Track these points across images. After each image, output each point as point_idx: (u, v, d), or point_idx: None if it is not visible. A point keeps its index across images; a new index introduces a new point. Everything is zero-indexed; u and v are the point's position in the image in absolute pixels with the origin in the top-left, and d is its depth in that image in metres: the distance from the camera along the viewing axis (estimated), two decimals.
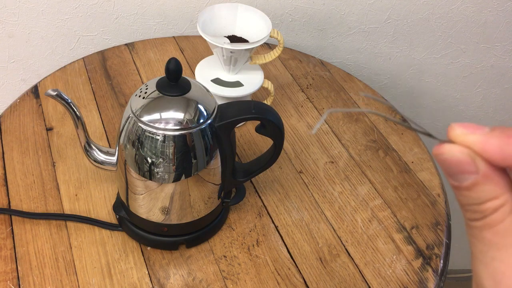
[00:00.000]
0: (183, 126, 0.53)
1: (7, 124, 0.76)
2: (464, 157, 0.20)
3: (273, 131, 0.58)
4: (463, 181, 0.21)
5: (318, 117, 0.83)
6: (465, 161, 0.20)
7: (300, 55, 0.96)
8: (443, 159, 0.21)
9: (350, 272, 0.62)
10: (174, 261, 0.62)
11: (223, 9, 0.74)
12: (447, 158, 0.21)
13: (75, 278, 0.59)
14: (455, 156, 0.21)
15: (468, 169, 0.20)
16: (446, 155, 0.21)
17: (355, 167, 0.76)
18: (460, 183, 0.21)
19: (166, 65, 0.52)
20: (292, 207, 0.69)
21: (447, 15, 1.01)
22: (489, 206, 0.20)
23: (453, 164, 0.21)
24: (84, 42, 0.97)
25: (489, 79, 1.14)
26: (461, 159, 0.21)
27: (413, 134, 0.82)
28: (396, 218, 0.69)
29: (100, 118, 0.79)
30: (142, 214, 0.60)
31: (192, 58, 0.91)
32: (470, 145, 0.20)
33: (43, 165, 0.71)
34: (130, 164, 0.56)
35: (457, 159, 0.21)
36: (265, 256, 0.63)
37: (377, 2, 0.99)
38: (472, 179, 0.20)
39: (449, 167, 0.21)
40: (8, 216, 0.64)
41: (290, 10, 0.99)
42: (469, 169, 0.20)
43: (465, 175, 0.21)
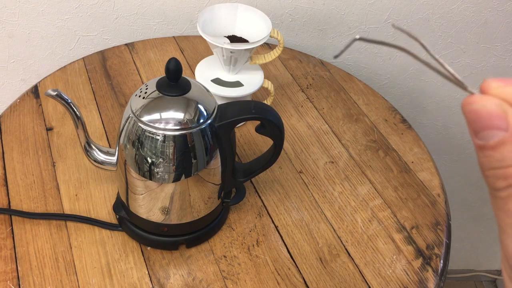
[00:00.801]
0: (183, 126, 0.53)
1: (7, 124, 0.76)
2: (497, 109, 0.19)
3: (273, 131, 0.58)
4: (489, 138, 0.19)
5: (318, 117, 0.83)
6: (497, 113, 0.19)
7: (300, 55, 0.96)
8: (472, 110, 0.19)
9: (350, 272, 0.62)
10: (174, 261, 0.62)
11: (223, 9, 0.74)
12: (477, 108, 0.19)
13: (75, 278, 0.59)
14: (487, 107, 0.19)
15: (498, 124, 0.19)
16: (476, 105, 0.19)
17: (355, 167, 0.76)
18: (486, 141, 0.19)
19: (166, 65, 0.52)
20: (292, 207, 0.69)
21: (447, 15, 1.01)
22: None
23: (483, 117, 0.19)
24: (84, 42, 0.97)
25: None
26: (492, 111, 0.19)
27: (413, 134, 0.82)
28: (396, 218, 0.69)
29: (100, 118, 0.79)
30: (142, 214, 0.60)
31: (192, 58, 0.91)
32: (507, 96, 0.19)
33: (43, 165, 0.71)
34: (130, 164, 0.56)
35: (488, 111, 0.19)
36: (265, 256, 0.63)
37: (377, 2, 0.99)
38: (500, 136, 0.19)
39: (477, 120, 0.19)
40: (8, 216, 0.64)
41: (290, 10, 0.99)
42: (499, 124, 0.19)
43: (493, 130, 0.19)
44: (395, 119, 0.84)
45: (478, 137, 0.19)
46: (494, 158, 0.19)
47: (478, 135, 0.19)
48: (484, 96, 0.19)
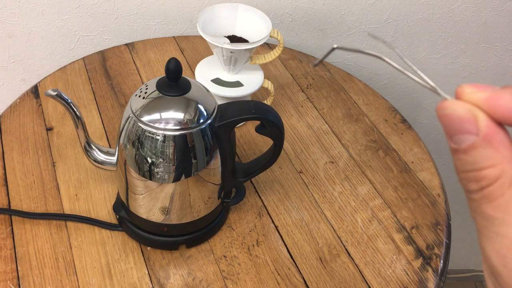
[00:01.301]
0: (183, 126, 0.53)
1: (7, 124, 0.76)
2: (466, 113, 0.19)
3: (273, 131, 0.58)
4: (461, 142, 0.20)
5: (318, 117, 0.83)
6: (466, 118, 0.19)
7: (300, 55, 0.96)
8: (444, 115, 0.20)
9: (350, 272, 0.62)
10: (174, 261, 0.62)
11: (223, 9, 0.74)
12: (448, 113, 0.20)
13: (75, 278, 0.59)
14: (457, 112, 0.19)
15: (468, 128, 0.19)
16: (448, 110, 0.20)
17: (355, 167, 0.76)
18: (458, 145, 0.20)
19: (166, 65, 0.52)
20: (292, 207, 0.69)
21: (447, 15, 1.01)
22: (485, 175, 0.19)
23: (453, 121, 0.20)
24: (84, 42, 0.97)
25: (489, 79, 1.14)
26: (462, 116, 0.19)
27: (413, 134, 0.82)
28: (396, 218, 0.69)
29: (100, 118, 0.79)
30: (142, 214, 0.60)
31: (192, 58, 0.91)
32: (477, 102, 0.19)
33: (43, 165, 0.71)
34: (130, 164, 0.56)
35: (458, 115, 0.19)
36: (265, 256, 0.63)
37: (377, 2, 0.99)
38: (471, 140, 0.19)
39: (449, 124, 0.20)
40: (8, 216, 0.64)
41: (290, 10, 0.99)
42: (469, 129, 0.19)
43: (464, 135, 0.19)
44: (395, 119, 0.84)
45: (453, 141, 0.20)
46: (466, 161, 0.19)
47: (452, 138, 0.20)
48: (456, 101, 0.20)
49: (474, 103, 0.19)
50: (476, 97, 0.19)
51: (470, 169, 0.20)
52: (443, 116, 0.20)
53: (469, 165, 0.20)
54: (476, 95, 0.19)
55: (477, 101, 0.19)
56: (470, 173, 0.20)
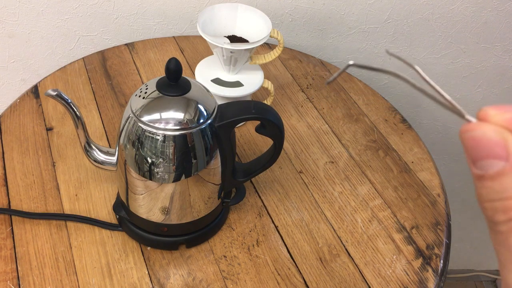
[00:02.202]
0: (183, 126, 0.53)
1: (7, 124, 0.76)
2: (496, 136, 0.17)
3: (273, 131, 0.58)
4: (488, 168, 0.18)
5: (318, 117, 0.83)
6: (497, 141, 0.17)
7: (300, 55, 0.96)
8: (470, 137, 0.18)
9: (350, 272, 0.62)
10: (174, 261, 0.62)
11: (223, 9, 0.74)
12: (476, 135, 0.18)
13: (75, 278, 0.59)
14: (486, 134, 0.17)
15: (498, 152, 0.17)
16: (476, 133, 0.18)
17: (355, 167, 0.76)
18: (485, 171, 0.18)
19: (166, 65, 0.52)
20: (292, 207, 0.69)
21: (447, 15, 1.01)
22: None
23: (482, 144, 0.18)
24: (84, 42, 0.97)
25: (489, 79, 1.14)
26: (492, 138, 0.17)
27: (413, 134, 0.82)
28: (396, 218, 0.69)
29: (100, 118, 0.79)
30: (142, 214, 0.60)
31: (192, 58, 0.91)
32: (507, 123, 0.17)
33: (43, 165, 0.71)
34: (130, 164, 0.56)
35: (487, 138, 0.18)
36: (265, 256, 0.63)
37: (377, 2, 0.99)
38: (500, 166, 0.17)
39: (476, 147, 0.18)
40: (8, 216, 0.64)
41: (290, 10, 0.99)
42: (499, 153, 0.17)
43: (492, 160, 0.18)
44: (395, 119, 0.84)
45: (477, 166, 0.18)
46: (493, 189, 0.18)
47: (476, 164, 0.18)
48: (483, 123, 0.18)
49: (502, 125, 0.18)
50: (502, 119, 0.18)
51: (497, 198, 0.18)
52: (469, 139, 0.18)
53: (496, 193, 0.18)
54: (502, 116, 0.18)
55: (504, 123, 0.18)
56: (497, 202, 0.18)
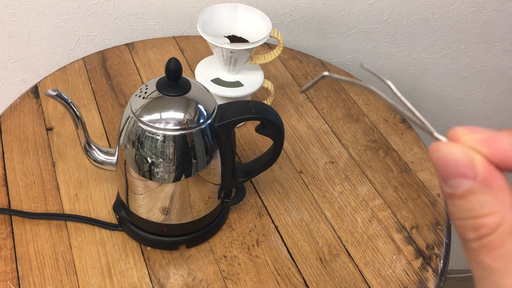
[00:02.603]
0: (183, 126, 0.53)
1: (7, 124, 0.76)
2: (463, 156, 0.18)
3: (273, 131, 0.58)
4: (457, 187, 0.18)
5: (318, 117, 0.83)
6: (463, 161, 0.18)
7: (300, 55, 0.96)
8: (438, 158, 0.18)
9: (350, 272, 0.62)
10: (174, 261, 0.62)
11: (223, 9, 0.74)
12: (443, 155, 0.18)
13: (75, 278, 0.59)
14: (453, 154, 0.18)
15: (465, 172, 0.18)
16: (443, 152, 0.18)
17: (355, 167, 0.76)
18: (454, 189, 0.18)
19: (166, 65, 0.52)
20: (292, 207, 0.69)
21: (447, 15, 1.01)
22: (484, 223, 0.18)
23: (449, 164, 0.18)
24: (84, 42, 0.97)
25: (489, 79, 1.14)
26: (458, 159, 0.18)
27: (413, 134, 0.82)
28: (396, 218, 0.69)
29: (100, 118, 0.79)
30: (142, 214, 0.60)
31: (192, 58, 0.91)
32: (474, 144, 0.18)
33: (43, 165, 0.71)
34: (130, 164, 0.56)
35: (454, 158, 0.18)
36: (265, 256, 0.63)
37: (377, 2, 0.99)
38: (468, 185, 0.18)
39: (444, 167, 0.18)
40: (8, 216, 0.64)
41: (290, 10, 0.99)
42: (466, 172, 0.18)
43: (460, 179, 0.18)
44: (395, 119, 0.84)
45: (447, 185, 0.19)
46: (463, 207, 0.18)
47: (446, 182, 0.19)
48: (451, 143, 0.18)
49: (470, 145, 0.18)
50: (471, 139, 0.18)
51: (467, 217, 0.18)
52: (438, 159, 0.18)
53: (466, 212, 0.18)
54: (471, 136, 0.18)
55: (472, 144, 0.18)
56: (467, 220, 0.18)
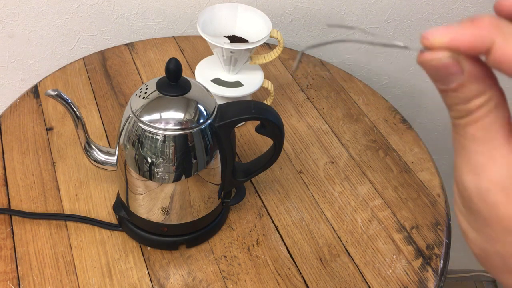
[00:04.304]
0: (183, 126, 0.53)
1: (7, 124, 0.76)
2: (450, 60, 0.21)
3: (273, 131, 0.58)
4: (450, 83, 0.21)
5: (318, 117, 0.83)
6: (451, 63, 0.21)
7: None
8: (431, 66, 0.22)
9: (350, 272, 0.62)
10: (174, 261, 0.62)
11: (223, 9, 0.74)
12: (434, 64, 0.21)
13: (75, 278, 0.59)
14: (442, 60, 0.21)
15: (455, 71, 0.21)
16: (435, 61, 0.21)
17: (355, 167, 0.76)
18: (448, 85, 0.22)
19: (166, 65, 0.52)
20: (292, 207, 0.69)
21: (447, 15, 1.01)
22: (474, 103, 0.21)
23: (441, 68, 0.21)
24: (84, 42, 0.97)
25: None
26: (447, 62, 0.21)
27: (413, 134, 0.82)
28: (396, 218, 0.69)
29: (100, 118, 0.79)
30: (142, 214, 0.60)
31: (192, 58, 0.91)
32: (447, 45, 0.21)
33: (43, 165, 0.71)
34: (130, 164, 0.56)
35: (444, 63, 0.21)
36: (265, 256, 0.63)
37: (377, 2, 0.99)
38: (459, 80, 0.21)
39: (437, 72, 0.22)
40: (8, 216, 0.64)
41: (290, 10, 0.99)
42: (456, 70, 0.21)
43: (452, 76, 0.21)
44: (395, 119, 0.84)
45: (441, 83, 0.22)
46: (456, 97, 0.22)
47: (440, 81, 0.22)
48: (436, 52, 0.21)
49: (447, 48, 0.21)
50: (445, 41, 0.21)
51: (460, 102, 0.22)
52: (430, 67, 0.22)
53: (459, 99, 0.22)
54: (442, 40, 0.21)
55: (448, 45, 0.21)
56: (460, 105, 0.22)
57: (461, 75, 0.21)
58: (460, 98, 0.22)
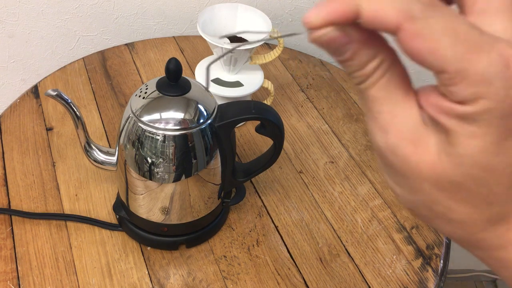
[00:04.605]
0: (183, 126, 0.53)
1: (7, 124, 0.76)
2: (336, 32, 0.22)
3: (273, 131, 0.58)
4: (345, 53, 0.22)
5: (318, 117, 0.83)
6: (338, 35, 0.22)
7: (300, 55, 0.96)
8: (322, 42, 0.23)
9: (350, 272, 0.62)
10: (174, 261, 0.62)
11: (223, 9, 0.74)
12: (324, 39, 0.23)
13: (75, 278, 0.59)
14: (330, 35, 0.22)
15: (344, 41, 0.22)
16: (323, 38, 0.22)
17: (355, 167, 0.76)
18: (343, 56, 0.23)
19: (166, 65, 0.52)
20: (292, 207, 0.69)
21: None
22: (370, 67, 0.22)
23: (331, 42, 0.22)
24: (84, 42, 0.97)
25: None
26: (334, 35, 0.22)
27: None
28: (396, 218, 0.69)
29: (100, 118, 0.79)
30: (142, 214, 0.60)
31: (192, 58, 0.91)
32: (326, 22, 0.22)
33: (43, 165, 0.71)
34: (130, 164, 0.56)
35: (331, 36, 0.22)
36: (265, 256, 0.63)
37: None
38: (351, 48, 0.22)
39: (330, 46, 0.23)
40: (8, 216, 0.64)
41: (290, 10, 0.99)
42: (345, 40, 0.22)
43: (344, 46, 0.22)
44: None
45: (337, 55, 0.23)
46: (353, 64, 0.23)
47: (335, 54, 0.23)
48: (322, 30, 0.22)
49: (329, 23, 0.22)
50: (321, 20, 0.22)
51: (358, 69, 0.23)
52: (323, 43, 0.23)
53: (356, 66, 0.23)
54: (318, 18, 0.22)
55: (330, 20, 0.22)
56: (359, 71, 0.23)
57: (351, 44, 0.22)
58: (356, 65, 0.23)
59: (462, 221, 0.23)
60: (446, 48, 0.20)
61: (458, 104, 0.20)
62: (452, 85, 0.20)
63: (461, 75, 0.20)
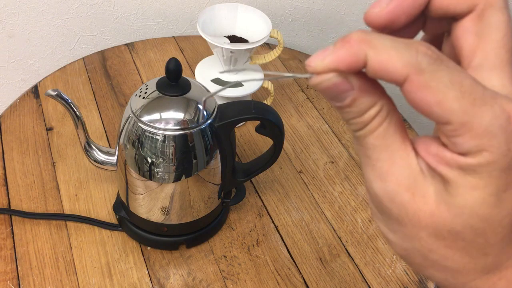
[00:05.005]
0: (183, 126, 0.53)
1: (7, 124, 0.76)
2: (338, 79, 0.22)
3: (273, 131, 0.58)
4: (344, 100, 0.23)
5: (318, 117, 0.83)
6: (340, 81, 0.22)
7: (300, 55, 0.96)
8: (322, 87, 0.23)
9: (350, 272, 0.62)
10: (174, 261, 0.62)
11: (223, 9, 0.74)
12: (325, 85, 0.23)
13: (75, 278, 0.59)
14: (331, 81, 0.22)
15: (345, 88, 0.22)
16: (325, 83, 0.23)
17: (355, 167, 0.76)
18: (343, 102, 0.23)
19: (166, 65, 0.52)
20: (292, 207, 0.69)
21: None
22: (369, 115, 0.22)
23: (331, 88, 0.23)
24: (84, 42, 0.97)
25: None
26: (336, 81, 0.22)
27: (412, 134, 0.82)
28: None
29: (100, 118, 0.79)
30: (142, 214, 0.60)
31: (192, 58, 0.91)
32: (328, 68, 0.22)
33: (43, 165, 0.71)
34: (130, 164, 0.56)
35: (333, 83, 0.22)
36: (265, 256, 0.63)
37: None
38: (351, 95, 0.22)
39: (330, 92, 0.23)
40: (8, 216, 0.64)
41: (290, 10, 0.99)
42: (346, 87, 0.22)
43: (344, 93, 0.22)
44: None
45: (336, 101, 0.23)
46: (352, 111, 0.23)
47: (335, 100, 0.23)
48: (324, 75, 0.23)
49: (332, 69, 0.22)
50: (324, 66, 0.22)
51: (356, 116, 0.23)
52: (323, 89, 0.23)
53: (354, 113, 0.23)
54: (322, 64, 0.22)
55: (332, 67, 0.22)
56: (357, 118, 0.23)
57: (352, 91, 0.22)
58: (355, 112, 0.23)
59: (457, 270, 0.23)
60: (453, 100, 0.20)
61: (461, 156, 0.21)
62: (456, 137, 0.20)
63: (466, 127, 0.20)
